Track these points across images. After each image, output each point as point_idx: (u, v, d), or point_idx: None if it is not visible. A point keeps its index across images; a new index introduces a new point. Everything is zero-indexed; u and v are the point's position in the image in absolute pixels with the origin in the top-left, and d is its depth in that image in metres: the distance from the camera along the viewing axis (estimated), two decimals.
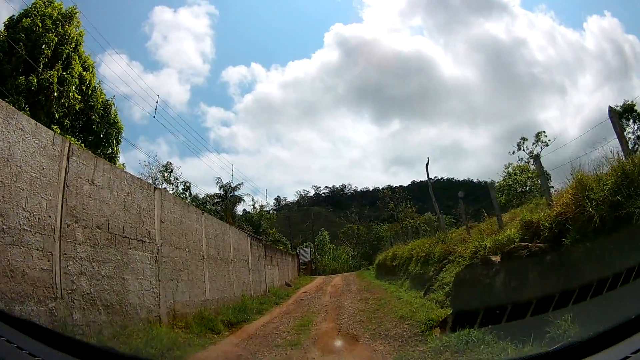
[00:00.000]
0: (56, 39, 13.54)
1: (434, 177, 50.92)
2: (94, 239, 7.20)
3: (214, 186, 39.33)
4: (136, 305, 8.21)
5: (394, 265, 23.65)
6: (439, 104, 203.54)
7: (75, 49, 14.39)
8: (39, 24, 13.09)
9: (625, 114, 22.80)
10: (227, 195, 38.24)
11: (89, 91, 14.69)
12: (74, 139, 12.31)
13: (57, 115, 13.23)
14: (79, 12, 14.47)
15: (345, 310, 12.79)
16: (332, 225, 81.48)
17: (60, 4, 14.41)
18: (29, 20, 13.05)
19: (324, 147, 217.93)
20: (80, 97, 13.89)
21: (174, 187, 17.59)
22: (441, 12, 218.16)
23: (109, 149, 13.72)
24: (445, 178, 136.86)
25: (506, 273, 7.03)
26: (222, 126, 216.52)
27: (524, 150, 26.22)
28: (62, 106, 13.57)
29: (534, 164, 20.20)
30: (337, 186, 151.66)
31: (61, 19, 13.71)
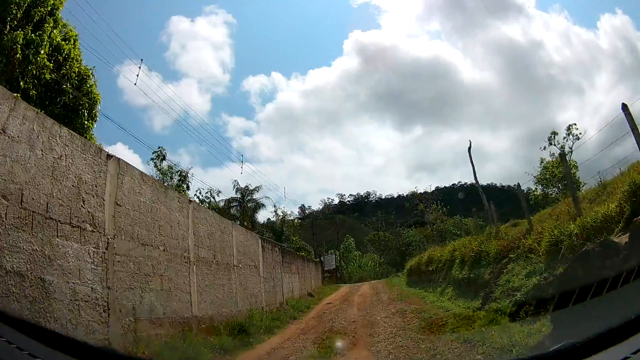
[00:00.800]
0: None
1: (457, 182, 47.54)
2: None
3: (233, 193, 36.43)
4: (66, 321, 5.24)
5: (429, 270, 20.10)
6: (460, 109, 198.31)
7: (51, 12, 11.86)
8: None
9: None
10: (244, 199, 35.35)
11: (67, 63, 12.06)
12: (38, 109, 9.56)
13: (21, 84, 10.66)
14: None
15: (379, 329, 9.50)
16: (357, 232, 78.77)
17: None
18: None
19: (347, 155, 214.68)
20: (52, 65, 11.28)
21: (169, 178, 14.75)
22: (458, 16, 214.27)
23: (78, 122, 10.92)
24: (468, 183, 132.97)
25: None
26: (244, 136, 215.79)
27: (555, 145, 24.46)
28: (30, 74, 10.99)
29: (560, 162, 18.90)
30: (361, 194, 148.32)
31: None
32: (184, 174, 15.69)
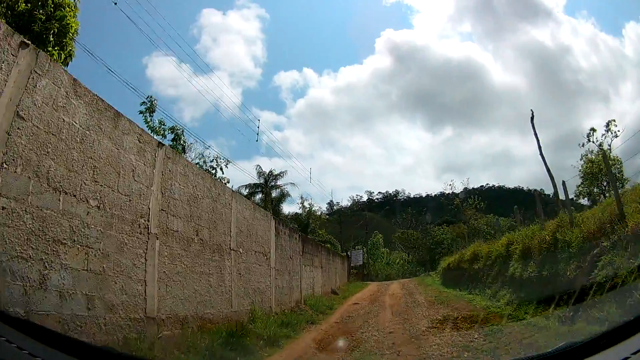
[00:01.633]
0: None
1: (485, 184, 43.31)
2: None
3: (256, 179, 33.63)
4: None
5: (474, 268, 16.61)
6: (490, 111, 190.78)
7: None
8: None
9: None
10: (267, 185, 32.43)
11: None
12: None
13: None
14: None
15: (431, 348, 6.27)
16: (385, 230, 75.89)
17: None
18: None
19: (377, 153, 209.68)
20: None
21: (160, 136, 11.96)
22: (489, 18, 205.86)
23: (43, 49, 8.22)
24: (496, 186, 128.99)
25: None
26: (275, 130, 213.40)
27: (593, 142, 23.15)
28: (4, 5, 8.60)
29: (602, 159, 18.47)
30: (390, 192, 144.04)
31: None
32: (178, 131, 12.82)
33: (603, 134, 23.47)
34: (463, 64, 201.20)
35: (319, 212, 50.22)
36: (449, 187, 38.72)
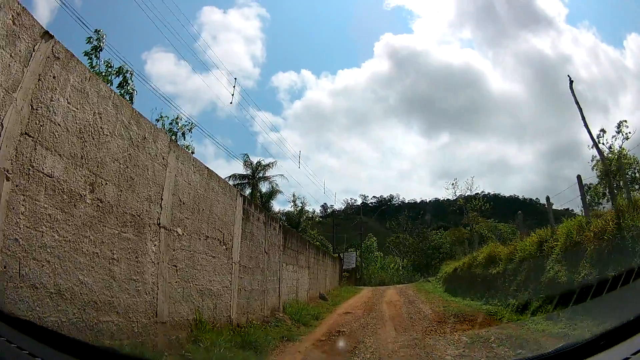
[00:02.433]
0: None
1: (481, 191, 40.44)
2: None
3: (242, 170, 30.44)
4: None
5: (491, 274, 13.64)
6: (487, 119, 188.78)
7: None
8: None
9: None
10: (255, 176, 29.29)
11: None
12: None
13: None
14: None
15: None
16: (378, 234, 73.32)
17: None
18: None
19: (373, 157, 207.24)
20: None
21: (107, 81, 9.07)
22: (490, 25, 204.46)
23: None
24: (491, 193, 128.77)
25: None
26: (271, 131, 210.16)
27: (603, 144, 21.77)
28: None
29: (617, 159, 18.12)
30: (384, 196, 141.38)
31: None
32: (125, 72, 9.97)
33: (613, 136, 22.32)
34: (462, 70, 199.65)
35: (312, 212, 47.34)
36: (451, 187, 36.04)
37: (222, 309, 7.28)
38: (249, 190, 30.74)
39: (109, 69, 9.76)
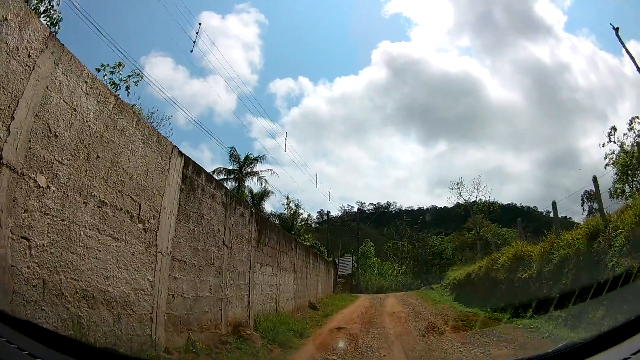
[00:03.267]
0: None
1: (478, 199, 37.17)
2: None
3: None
4: None
5: (519, 278, 10.75)
6: (485, 127, 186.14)
7: None
8: None
9: None
10: (241, 171, 26.19)
11: None
12: None
13: None
14: None
15: None
16: (375, 241, 70.68)
17: None
18: None
19: (370, 165, 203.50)
20: None
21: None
22: (488, 33, 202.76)
23: None
24: (489, 201, 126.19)
25: None
26: (268, 137, 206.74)
27: (614, 142, 21.64)
28: None
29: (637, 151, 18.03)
30: (381, 203, 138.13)
31: None
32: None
33: (625, 133, 21.91)
34: (460, 78, 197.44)
35: (307, 216, 44.43)
36: (456, 186, 33.45)
37: (133, 325, 4.38)
38: (232, 183, 27.44)
39: None
